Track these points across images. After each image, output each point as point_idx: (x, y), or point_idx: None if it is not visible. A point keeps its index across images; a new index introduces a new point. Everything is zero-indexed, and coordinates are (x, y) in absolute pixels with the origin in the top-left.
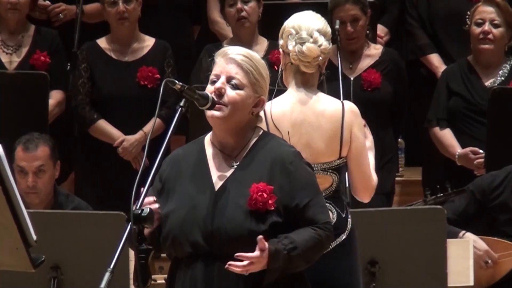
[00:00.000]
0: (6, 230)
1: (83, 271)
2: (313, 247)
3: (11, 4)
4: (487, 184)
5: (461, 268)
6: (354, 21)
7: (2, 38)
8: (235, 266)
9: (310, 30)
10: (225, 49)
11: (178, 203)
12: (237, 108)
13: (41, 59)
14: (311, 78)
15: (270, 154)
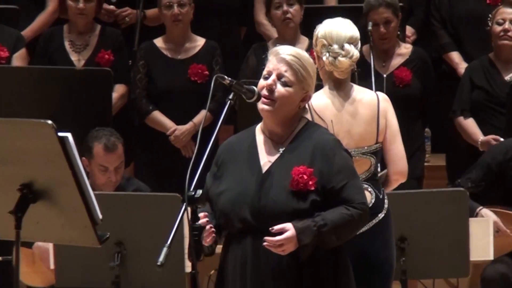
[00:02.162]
0: (76, 211)
1: (144, 246)
2: (345, 224)
3: (79, 10)
4: (502, 155)
5: (482, 244)
6: (386, 23)
7: (71, 38)
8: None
9: (341, 42)
10: (277, 48)
11: (230, 184)
12: (285, 103)
13: (106, 57)
14: (344, 79)
15: (313, 141)
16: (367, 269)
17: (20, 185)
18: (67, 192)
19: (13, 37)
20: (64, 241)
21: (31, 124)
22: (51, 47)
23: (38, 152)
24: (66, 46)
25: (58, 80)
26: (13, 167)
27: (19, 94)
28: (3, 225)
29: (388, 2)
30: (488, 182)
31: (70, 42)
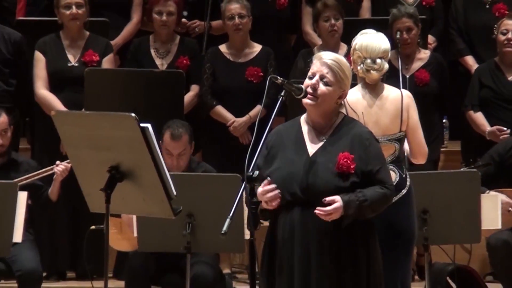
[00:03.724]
0: (155, 188)
1: (210, 218)
2: (379, 200)
3: (162, 22)
4: (502, 148)
5: (492, 215)
6: (408, 31)
7: (156, 46)
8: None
9: (374, 56)
10: (321, 54)
11: (281, 164)
12: (325, 99)
13: (184, 62)
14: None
15: (351, 132)
16: (393, 236)
17: (109, 167)
18: (147, 173)
19: (103, 44)
20: (145, 213)
21: (118, 116)
22: (140, 53)
23: (123, 139)
24: (152, 52)
25: (141, 80)
26: (103, 152)
27: (108, 91)
28: (96, 200)
29: (410, 13)
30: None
31: (155, 50)
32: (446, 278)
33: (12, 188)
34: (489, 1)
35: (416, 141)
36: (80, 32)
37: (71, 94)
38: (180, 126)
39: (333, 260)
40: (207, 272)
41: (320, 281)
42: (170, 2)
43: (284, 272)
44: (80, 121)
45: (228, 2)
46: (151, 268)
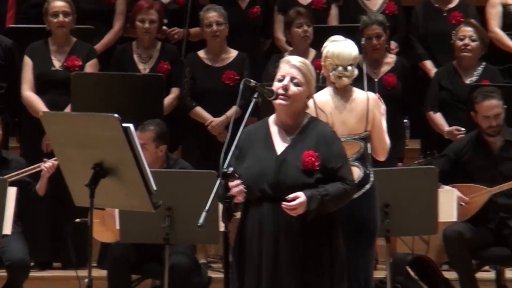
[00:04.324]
0: (136, 183)
1: (188, 211)
2: (340, 196)
3: (145, 29)
4: (457, 146)
5: (448, 209)
6: (378, 37)
7: (138, 52)
8: (286, 207)
9: (345, 64)
10: (288, 58)
11: (251, 163)
12: (297, 99)
13: (165, 67)
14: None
15: (316, 132)
16: (357, 228)
17: (93, 164)
18: (129, 170)
19: (87, 50)
20: (127, 207)
21: (101, 117)
22: (124, 58)
23: (107, 138)
24: (135, 58)
25: (123, 83)
26: (88, 150)
27: (93, 93)
28: (81, 195)
29: (379, 20)
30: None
31: (138, 55)
32: (405, 267)
33: (2, 184)
34: (446, 10)
35: (379, 140)
36: (67, 39)
37: (54, 96)
38: (151, 123)
39: (299, 251)
40: (184, 261)
41: (287, 271)
42: (152, 10)
43: (253, 265)
44: (66, 121)
45: (206, 11)
46: (132, 258)
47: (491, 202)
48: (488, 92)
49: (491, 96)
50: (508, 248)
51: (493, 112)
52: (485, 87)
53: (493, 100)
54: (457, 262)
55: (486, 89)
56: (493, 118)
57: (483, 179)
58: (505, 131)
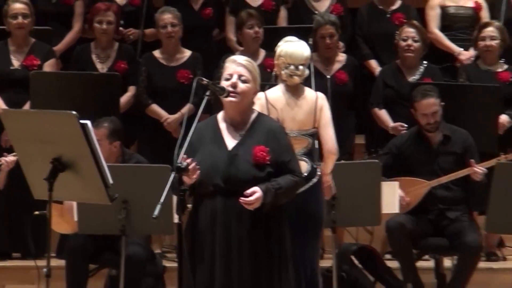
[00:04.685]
0: (93, 177)
1: (143, 203)
2: (291, 188)
3: (103, 30)
4: (398, 141)
5: (390, 201)
6: (331, 36)
7: (97, 52)
8: (244, 202)
9: (297, 63)
10: (234, 57)
11: (202, 158)
12: (245, 95)
13: (122, 66)
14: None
15: (265, 127)
16: (304, 220)
17: (52, 159)
18: (87, 164)
19: (46, 50)
20: (85, 199)
21: (60, 114)
22: (82, 58)
23: (65, 134)
24: (93, 58)
25: (81, 81)
26: (47, 146)
27: (52, 92)
28: (40, 188)
29: (332, 20)
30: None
31: (96, 55)
32: (350, 256)
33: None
34: (389, 11)
35: (326, 137)
36: (25, 39)
37: (12, 94)
38: (105, 120)
39: (250, 241)
40: (140, 251)
41: (239, 261)
42: (110, 12)
43: (206, 256)
44: (26, 118)
45: (161, 13)
46: (89, 248)
47: (430, 195)
48: (426, 91)
49: (429, 95)
50: (447, 238)
51: (430, 110)
52: (424, 85)
53: (431, 99)
54: (399, 252)
55: (425, 87)
56: (430, 115)
57: (423, 172)
58: (443, 127)
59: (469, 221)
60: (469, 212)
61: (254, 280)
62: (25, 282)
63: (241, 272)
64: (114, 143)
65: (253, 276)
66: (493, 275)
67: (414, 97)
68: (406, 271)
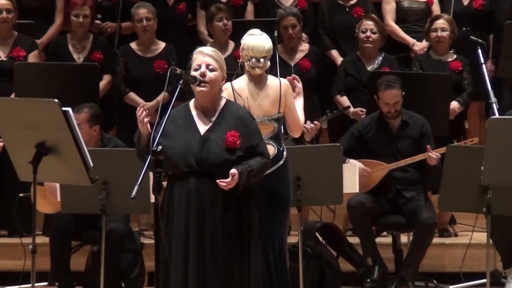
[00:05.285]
0: (75, 160)
1: (122, 185)
2: (261, 169)
3: (79, 23)
4: (360, 125)
5: (351, 181)
6: (293, 27)
7: (73, 43)
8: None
9: (259, 56)
10: (200, 48)
11: (176, 142)
12: (214, 83)
13: (98, 56)
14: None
15: (234, 113)
16: (272, 199)
17: (36, 144)
18: (69, 148)
19: (29, 42)
20: (67, 181)
21: (43, 102)
22: (59, 49)
23: (48, 120)
24: (70, 48)
25: (62, 71)
26: (31, 131)
27: (35, 81)
28: (25, 171)
29: (294, 12)
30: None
31: (73, 46)
32: (315, 233)
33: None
34: (348, 6)
35: (292, 119)
36: (9, 33)
37: (0, 84)
38: (85, 107)
39: (221, 219)
40: (120, 228)
41: (212, 237)
42: (85, 6)
43: (180, 233)
44: (11, 106)
45: (137, 7)
46: (72, 227)
47: (388, 176)
48: (390, 82)
49: (392, 86)
50: (403, 216)
51: (393, 101)
52: (388, 76)
53: (394, 90)
54: (359, 229)
55: (389, 78)
56: (392, 105)
57: (383, 155)
58: (402, 113)
59: (424, 200)
60: (424, 192)
61: (226, 256)
62: (12, 258)
63: (214, 248)
64: (94, 127)
65: (225, 251)
66: (445, 250)
67: (378, 86)
68: (366, 246)
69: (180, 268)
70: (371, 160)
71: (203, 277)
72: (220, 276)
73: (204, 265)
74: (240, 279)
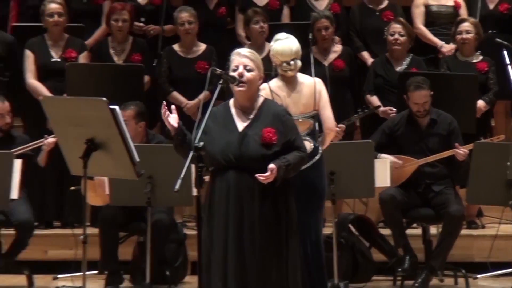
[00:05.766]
0: (122, 156)
1: (166, 178)
2: (299, 163)
3: (118, 27)
4: (391, 123)
5: (382, 176)
6: (326, 29)
7: (113, 45)
8: (260, 177)
9: (288, 59)
10: (238, 50)
11: (216, 138)
12: (252, 83)
13: (136, 58)
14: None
15: (271, 111)
16: (308, 193)
17: (86, 140)
18: (116, 144)
19: (79, 44)
20: (115, 175)
21: (92, 100)
22: (101, 52)
23: (97, 118)
24: (110, 51)
25: (109, 71)
26: (81, 128)
27: (85, 80)
28: (76, 166)
29: (327, 15)
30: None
31: (113, 48)
32: (348, 225)
33: (9, 157)
34: (378, 10)
35: (326, 117)
36: (61, 35)
37: (54, 83)
38: (131, 105)
39: (260, 211)
40: (164, 219)
41: (250, 228)
42: (124, 11)
43: (221, 224)
44: (63, 104)
45: (179, 11)
46: (120, 218)
47: (418, 171)
48: (419, 84)
49: (422, 87)
50: (432, 209)
51: (422, 101)
52: (417, 77)
53: (423, 91)
54: (390, 221)
55: (418, 79)
56: (421, 104)
57: (413, 151)
58: (431, 112)
59: (453, 193)
60: (452, 186)
61: (264, 246)
62: (64, 247)
63: (252, 239)
64: (140, 124)
65: (263, 242)
66: (473, 241)
67: (408, 87)
68: (397, 237)
69: (220, 258)
70: (401, 156)
71: (242, 266)
72: (258, 265)
73: (243, 255)
74: (278, 268)
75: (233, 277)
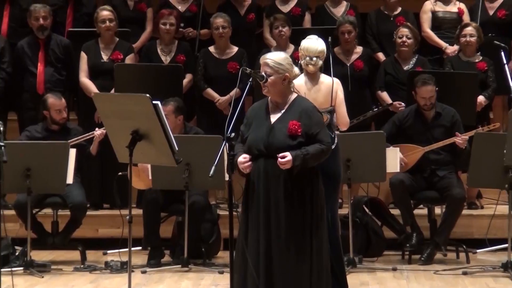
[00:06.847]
0: (163, 145)
1: (202, 165)
2: (318, 154)
3: (166, 30)
4: (401, 115)
5: (393, 163)
6: (349, 33)
7: (161, 47)
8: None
9: (312, 55)
10: (264, 55)
11: (253, 129)
12: (272, 85)
13: (181, 58)
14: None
15: (300, 106)
16: (326, 178)
17: (131, 131)
18: (158, 135)
19: (127, 47)
20: (157, 162)
21: (137, 96)
22: (150, 53)
23: (141, 112)
24: (159, 52)
25: (152, 71)
26: (127, 121)
27: (131, 79)
28: (123, 154)
29: (350, 20)
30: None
31: (161, 49)
32: (362, 206)
33: (65, 146)
34: (392, 15)
35: (340, 114)
36: (112, 39)
37: (103, 81)
38: (171, 100)
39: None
40: (200, 200)
41: (277, 209)
42: (171, 16)
43: (254, 203)
44: (111, 100)
45: (215, 17)
46: (161, 200)
47: (424, 158)
48: (426, 80)
49: (428, 83)
50: (437, 191)
51: (428, 95)
52: (424, 75)
53: (429, 86)
54: (399, 202)
55: (424, 76)
56: (428, 99)
57: (420, 140)
58: (436, 105)
59: (455, 178)
60: (455, 171)
61: (288, 224)
62: (113, 226)
63: (277, 218)
64: (179, 117)
65: (288, 221)
66: (473, 220)
67: (415, 83)
68: (405, 217)
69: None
70: (409, 145)
71: (269, 241)
72: (282, 241)
73: (269, 231)
74: (302, 243)
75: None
